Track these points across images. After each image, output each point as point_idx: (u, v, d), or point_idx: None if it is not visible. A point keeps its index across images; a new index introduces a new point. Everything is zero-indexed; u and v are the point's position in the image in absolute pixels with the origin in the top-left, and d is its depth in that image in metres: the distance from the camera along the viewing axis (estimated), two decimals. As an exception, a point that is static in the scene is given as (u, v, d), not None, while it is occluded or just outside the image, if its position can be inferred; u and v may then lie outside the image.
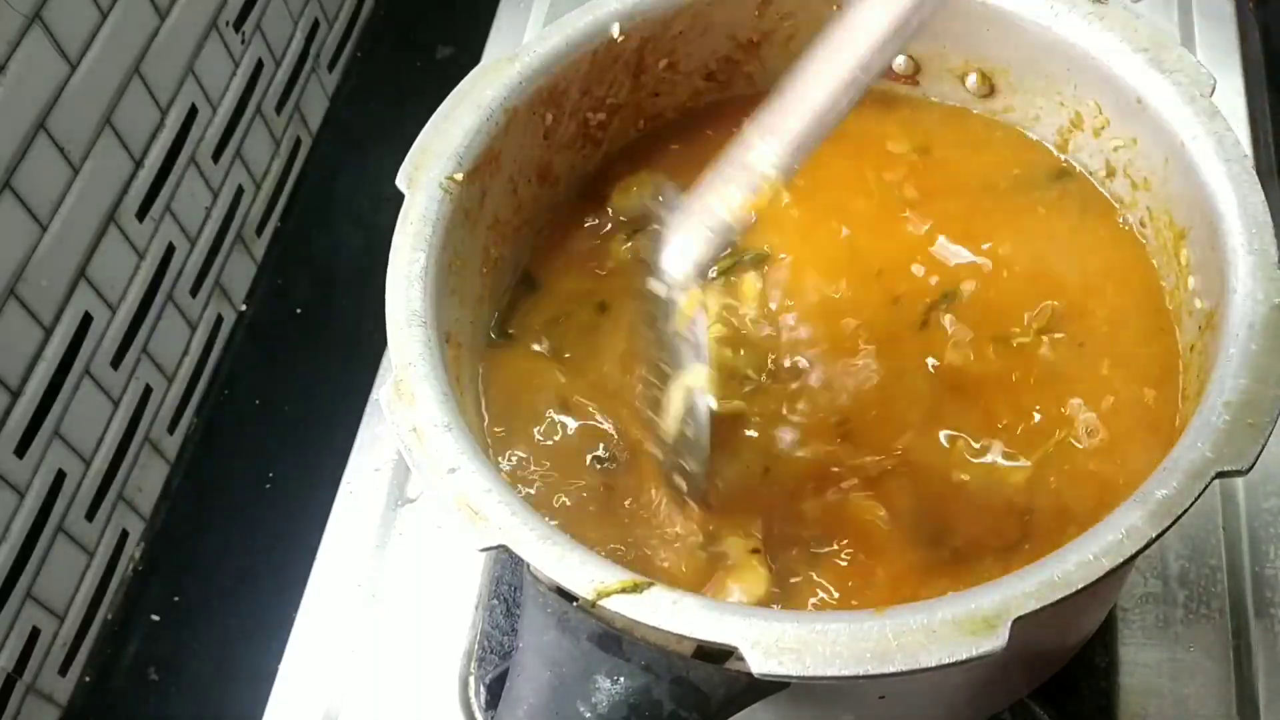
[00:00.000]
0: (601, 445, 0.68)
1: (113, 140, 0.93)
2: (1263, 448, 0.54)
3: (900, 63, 0.78)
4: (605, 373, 0.71)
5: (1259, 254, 0.60)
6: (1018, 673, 0.71)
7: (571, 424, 0.69)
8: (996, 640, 0.50)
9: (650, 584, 0.53)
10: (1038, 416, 0.66)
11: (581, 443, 0.69)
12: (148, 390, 1.01)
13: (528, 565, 0.56)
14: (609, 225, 0.77)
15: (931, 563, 0.63)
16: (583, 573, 0.54)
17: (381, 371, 0.93)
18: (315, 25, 1.22)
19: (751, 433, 0.68)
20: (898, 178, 0.76)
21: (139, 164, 0.97)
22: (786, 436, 0.67)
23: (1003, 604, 0.51)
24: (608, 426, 0.69)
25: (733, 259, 0.72)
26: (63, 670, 0.94)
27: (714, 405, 0.62)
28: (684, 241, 0.62)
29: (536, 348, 0.72)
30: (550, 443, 0.69)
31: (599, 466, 0.68)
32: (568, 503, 0.67)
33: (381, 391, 0.60)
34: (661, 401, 0.63)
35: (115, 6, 0.91)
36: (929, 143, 0.78)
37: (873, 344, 0.70)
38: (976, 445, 0.66)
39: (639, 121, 0.79)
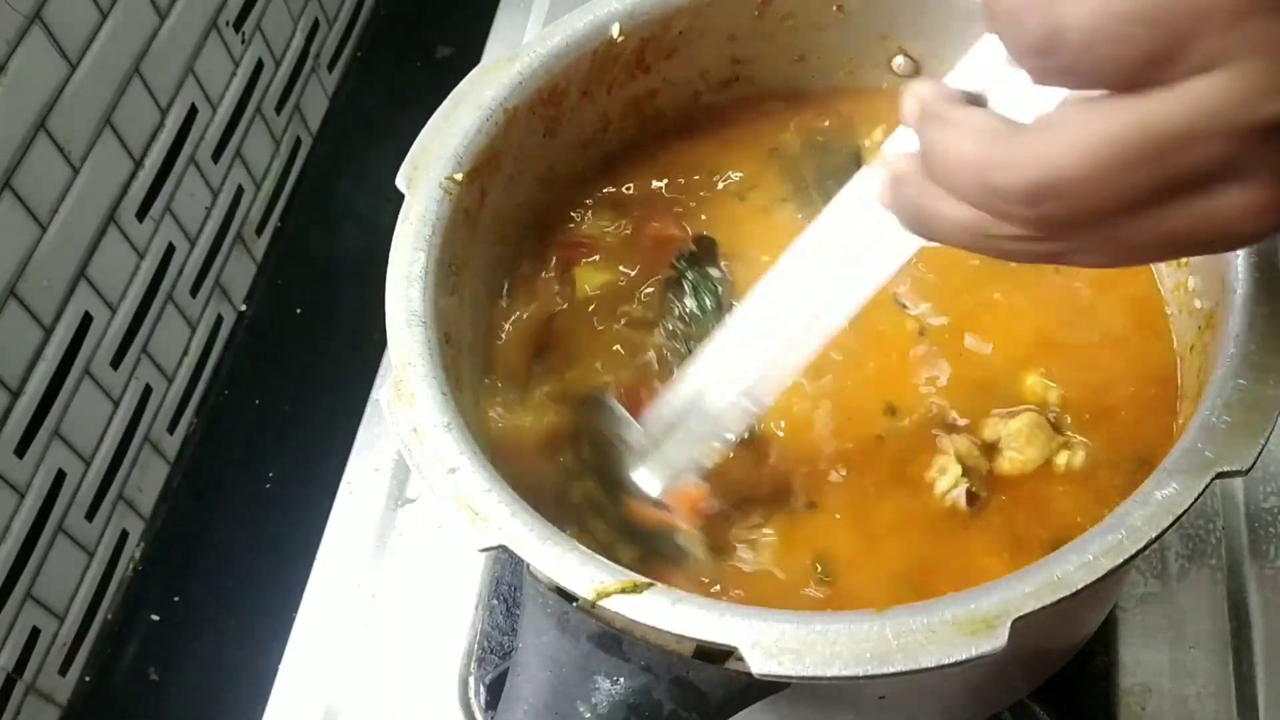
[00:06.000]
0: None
1: (113, 140, 0.93)
2: (1263, 448, 0.54)
3: (900, 63, 0.78)
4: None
5: (1259, 254, 0.60)
6: (1018, 673, 0.71)
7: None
8: (996, 640, 0.50)
9: (650, 584, 0.53)
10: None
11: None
12: (148, 390, 1.01)
13: (528, 565, 0.56)
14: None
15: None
16: (582, 573, 0.54)
17: (381, 371, 0.93)
18: (315, 25, 1.22)
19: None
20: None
21: (139, 164, 0.97)
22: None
23: (1003, 604, 0.51)
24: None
25: None
26: (63, 670, 0.94)
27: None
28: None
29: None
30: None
31: None
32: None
33: (381, 391, 0.60)
34: None
35: (115, 6, 0.91)
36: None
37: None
38: None
39: (639, 122, 0.79)
